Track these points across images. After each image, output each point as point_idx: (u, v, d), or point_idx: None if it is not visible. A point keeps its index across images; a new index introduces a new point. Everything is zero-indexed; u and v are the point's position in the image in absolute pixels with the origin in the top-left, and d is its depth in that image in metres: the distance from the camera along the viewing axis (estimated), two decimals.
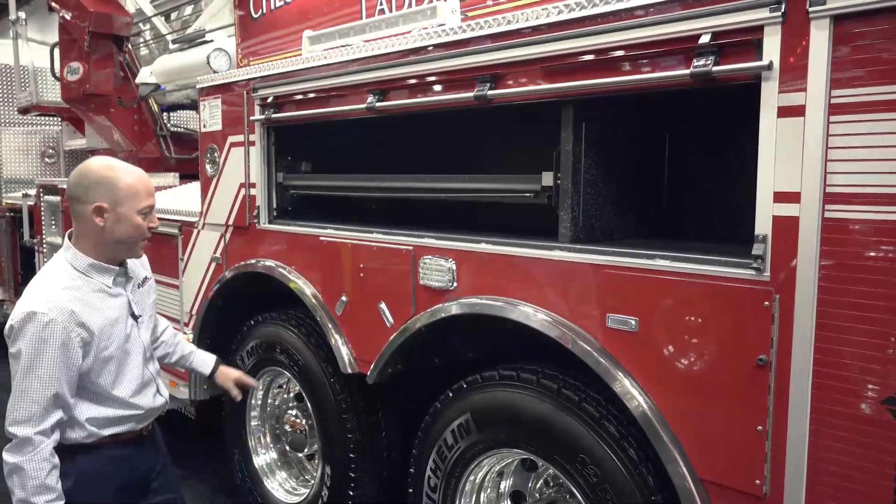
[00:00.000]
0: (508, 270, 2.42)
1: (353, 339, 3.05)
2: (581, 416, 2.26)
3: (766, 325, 1.78)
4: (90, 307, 2.20)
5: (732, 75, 1.83)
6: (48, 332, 2.09)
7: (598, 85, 2.09)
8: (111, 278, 2.29)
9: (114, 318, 2.27)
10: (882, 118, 1.60)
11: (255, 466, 3.81)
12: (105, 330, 2.23)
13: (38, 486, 2.08)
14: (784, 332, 1.76)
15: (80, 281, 2.23)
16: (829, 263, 1.68)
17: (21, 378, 2.10)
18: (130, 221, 2.22)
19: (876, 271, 1.62)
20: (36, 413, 2.09)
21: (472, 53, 2.42)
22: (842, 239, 1.67)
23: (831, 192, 1.68)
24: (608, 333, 2.13)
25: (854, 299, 1.65)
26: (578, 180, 2.32)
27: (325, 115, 3.09)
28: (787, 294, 1.75)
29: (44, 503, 2.09)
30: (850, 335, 1.66)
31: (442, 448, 2.71)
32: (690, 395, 1.95)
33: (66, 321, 2.12)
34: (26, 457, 2.08)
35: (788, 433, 1.76)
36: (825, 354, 1.70)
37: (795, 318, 1.73)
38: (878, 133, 1.61)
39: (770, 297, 1.77)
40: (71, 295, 2.17)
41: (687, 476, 1.94)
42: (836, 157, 1.67)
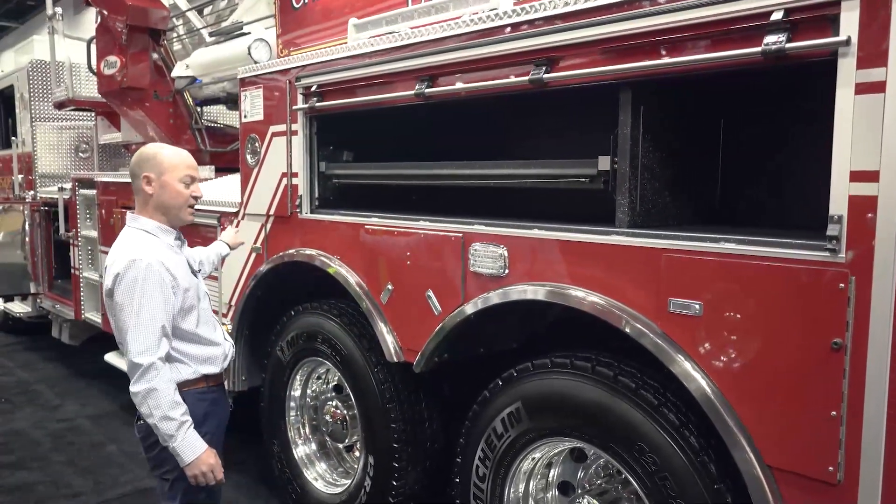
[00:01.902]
0: (562, 256, 2.39)
1: (399, 328, 3.03)
2: (639, 404, 2.22)
3: (841, 308, 1.74)
4: (169, 258, 2.52)
5: (807, 52, 1.79)
6: (149, 273, 2.40)
7: (661, 66, 2.06)
8: (172, 238, 2.63)
9: (183, 269, 2.58)
10: None
11: (294, 457, 3.81)
12: (183, 277, 2.54)
13: (171, 402, 2.37)
14: (860, 315, 1.71)
15: (154, 240, 2.55)
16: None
17: (135, 315, 2.38)
18: (173, 187, 2.56)
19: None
20: (153, 342, 2.39)
21: (527, 37, 2.39)
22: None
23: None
24: (669, 318, 2.09)
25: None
26: (636, 164, 2.29)
27: (372, 103, 3.08)
28: (863, 276, 1.70)
29: (180, 415, 2.38)
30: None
31: (491, 437, 2.68)
32: (758, 379, 1.91)
33: (159, 266, 2.44)
34: (155, 380, 2.36)
35: (864, 418, 1.72)
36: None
37: (873, 301, 1.69)
38: None
39: (846, 279, 1.73)
40: (155, 248, 2.50)
41: (754, 463, 1.90)
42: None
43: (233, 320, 4.04)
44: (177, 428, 2.36)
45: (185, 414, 2.39)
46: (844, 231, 1.73)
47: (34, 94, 7.01)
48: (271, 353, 3.88)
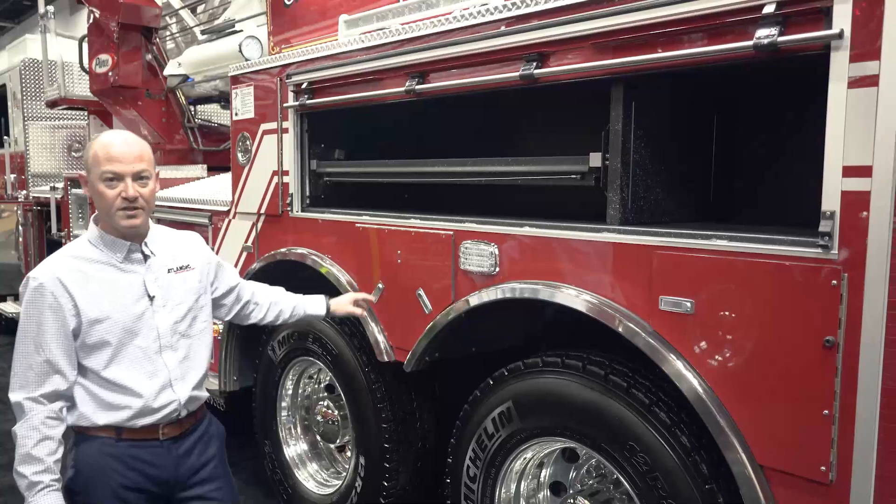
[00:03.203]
0: (553, 254, 2.36)
1: (390, 327, 3.00)
2: (630, 403, 2.19)
3: (833, 305, 1.71)
4: (86, 277, 2.09)
5: (800, 45, 1.76)
6: (37, 296, 2.05)
7: (651, 61, 2.03)
8: (122, 253, 2.16)
9: (117, 293, 2.12)
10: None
11: (285, 457, 3.78)
12: (99, 303, 2.09)
13: (23, 456, 1.99)
14: (853, 312, 1.69)
15: (90, 251, 2.15)
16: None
17: (19, 342, 2.07)
18: (95, 188, 2.09)
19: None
20: (30, 378, 2.04)
21: (517, 32, 2.37)
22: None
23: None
24: (660, 316, 2.06)
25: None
26: (627, 160, 2.26)
27: (363, 100, 3.05)
28: (856, 272, 1.68)
29: (30, 474, 1.98)
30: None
31: (482, 437, 2.65)
32: (750, 378, 1.88)
33: (53, 286, 2.04)
34: (18, 423, 2.03)
35: (857, 417, 1.70)
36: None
37: (866, 297, 1.66)
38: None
39: (838, 276, 1.70)
40: (69, 263, 2.11)
41: (746, 462, 1.88)
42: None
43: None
44: (26, 487, 1.98)
45: (40, 473, 1.98)
46: (837, 227, 1.71)
47: (26, 94, 6.98)
48: (263, 353, 3.85)
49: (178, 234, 2.45)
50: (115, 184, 2.05)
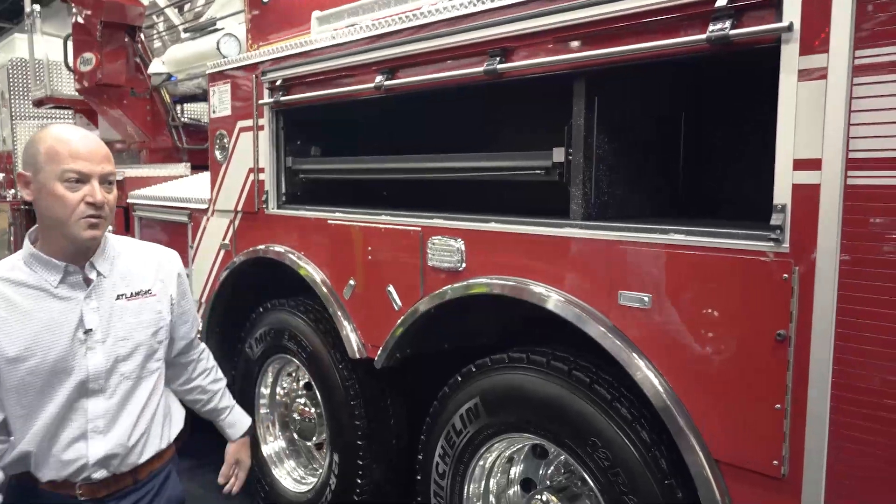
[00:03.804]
0: (519, 250, 2.36)
1: (362, 324, 3.00)
2: (592, 398, 2.19)
3: (785, 299, 1.71)
4: (10, 305, 1.78)
5: (751, 38, 1.76)
6: None
7: (610, 55, 2.03)
8: (57, 276, 1.82)
9: (42, 324, 1.79)
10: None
11: (262, 455, 3.78)
12: (20, 338, 1.77)
13: None
14: (804, 306, 1.68)
15: (20, 272, 1.82)
16: (851, 232, 1.61)
17: None
18: (46, 191, 1.74)
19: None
20: None
21: (480, 28, 2.36)
22: (866, 207, 1.59)
23: (854, 157, 1.60)
24: (620, 311, 2.06)
25: (878, 269, 1.57)
26: (590, 155, 2.25)
27: (334, 97, 3.04)
28: (807, 266, 1.67)
29: None
30: (874, 307, 1.58)
31: (450, 433, 2.65)
32: (705, 372, 1.88)
33: None
34: None
35: (808, 411, 1.69)
36: (847, 328, 1.62)
37: (816, 291, 1.66)
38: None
39: (789, 270, 1.70)
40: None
41: (702, 457, 1.87)
42: (859, 120, 1.59)
43: (203, 318, 4.00)
44: None
45: None
46: (788, 220, 1.71)
47: (14, 93, 6.98)
48: (241, 350, 3.85)
49: (144, 250, 2.07)
50: (78, 186, 1.75)
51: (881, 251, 1.57)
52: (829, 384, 1.66)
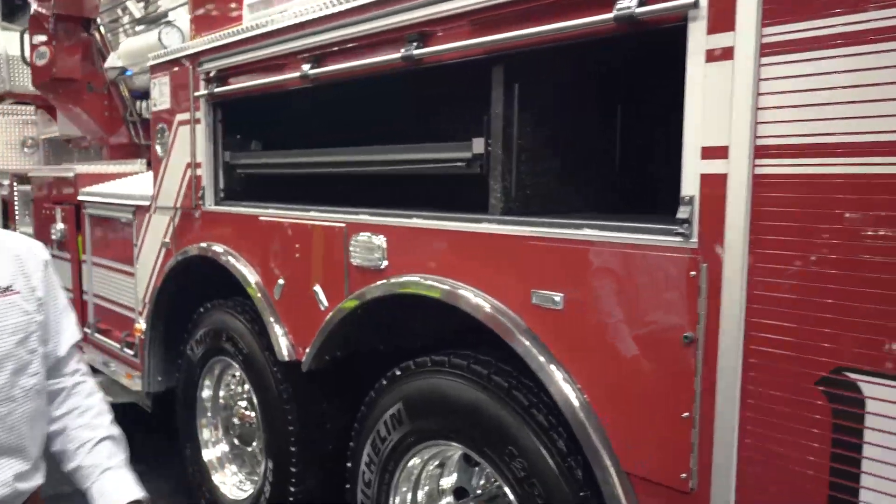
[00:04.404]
0: (440, 246, 2.23)
1: (291, 325, 2.87)
2: (510, 405, 2.06)
3: (692, 298, 1.58)
4: None
5: (658, 17, 1.63)
6: None
7: (519, 37, 1.90)
8: None
9: None
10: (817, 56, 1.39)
11: (204, 460, 3.64)
12: None
13: None
14: (713, 306, 1.55)
15: None
16: (761, 226, 1.48)
17: None
18: None
19: (811, 233, 1.41)
20: None
21: (397, 12, 2.23)
22: (775, 198, 1.46)
23: (762, 144, 1.47)
24: (533, 312, 1.93)
25: (786, 266, 1.44)
26: (510, 146, 2.12)
27: (265, 87, 2.92)
28: (715, 262, 1.54)
29: None
30: (783, 308, 1.45)
31: (376, 440, 2.52)
32: (615, 379, 1.75)
33: None
34: None
35: (716, 420, 1.56)
36: (756, 330, 1.49)
37: (724, 289, 1.53)
38: (812, 74, 1.40)
39: (696, 266, 1.57)
40: None
41: (610, 469, 1.74)
42: (767, 104, 1.46)
43: (146, 319, 3.87)
44: None
45: None
46: (696, 213, 1.58)
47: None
48: (183, 352, 3.72)
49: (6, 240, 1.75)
50: None
51: (792, 246, 1.44)
52: (738, 391, 1.53)
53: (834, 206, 1.38)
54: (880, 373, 1.33)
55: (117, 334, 4.33)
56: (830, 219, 1.39)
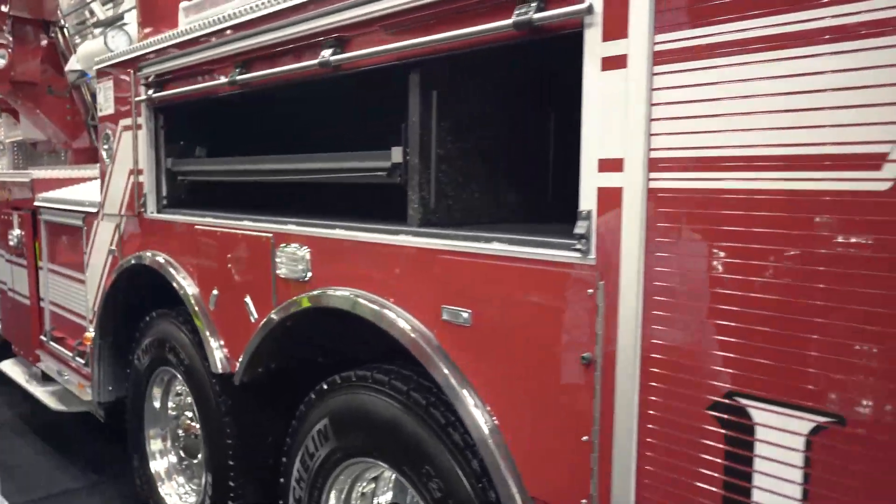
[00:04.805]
0: (360, 258, 2.16)
1: (225, 336, 2.80)
2: (428, 423, 1.99)
3: (590, 317, 1.51)
4: None
5: (555, 23, 1.56)
6: None
7: (426, 44, 1.83)
8: None
9: None
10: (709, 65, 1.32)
11: (151, 472, 3.57)
12: None
13: None
14: (610, 325, 1.48)
15: None
16: (655, 243, 1.41)
17: None
18: None
19: (704, 252, 1.34)
20: None
21: (314, 17, 2.16)
22: (669, 213, 1.39)
23: (656, 157, 1.40)
24: (444, 328, 1.86)
25: (679, 286, 1.38)
26: (429, 156, 2.05)
27: (198, 93, 2.85)
28: (613, 280, 1.48)
29: None
30: (677, 329, 1.39)
31: (305, 456, 2.45)
32: (521, 400, 1.68)
33: None
34: None
35: (614, 444, 1.49)
36: (653, 351, 1.43)
37: (620, 308, 1.46)
38: (704, 84, 1.33)
39: (594, 284, 1.50)
40: None
41: (515, 493, 1.67)
42: (660, 115, 1.39)
43: (96, 328, 3.80)
44: None
45: None
46: (594, 229, 1.51)
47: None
48: (131, 362, 3.64)
49: None
50: None
51: (686, 265, 1.37)
52: (635, 414, 1.46)
53: (726, 224, 1.32)
54: (769, 399, 1.27)
55: (70, 343, 4.26)
56: (723, 237, 1.32)
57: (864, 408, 1.16)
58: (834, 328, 1.18)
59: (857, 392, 1.16)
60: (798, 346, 1.22)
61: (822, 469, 1.21)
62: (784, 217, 1.24)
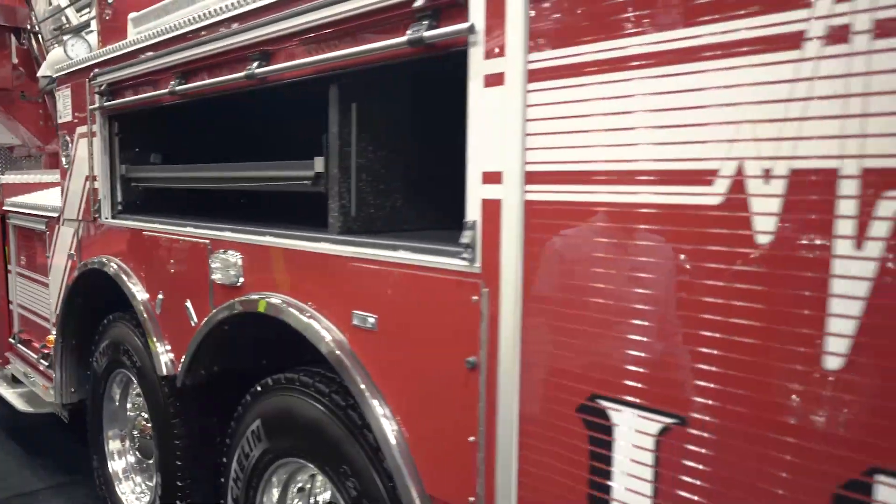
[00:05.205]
0: (286, 265, 2.23)
1: (170, 339, 2.87)
2: (346, 424, 2.06)
3: (474, 323, 1.58)
4: None
5: (444, 41, 1.63)
6: None
7: (333, 59, 1.90)
8: None
9: None
10: (577, 83, 1.39)
11: (109, 472, 3.64)
12: None
13: None
14: (493, 331, 1.55)
15: None
16: (531, 253, 1.48)
17: None
18: None
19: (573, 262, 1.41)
20: None
21: (241, 32, 2.23)
22: (544, 224, 1.46)
23: (531, 170, 1.47)
24: (354, 332, 1.93)
25: (552, 294, 1.44)
26: (348, 165, 2.12)
27: (144, 102, 2.92)
28: (496, 287, 1.54)
29: None
30: (551, 334, 1.46)
31: (241, 456, 2.52)
32: (418, 403, 1.75)
33: None
34: None
35: (497, 445, 1.56)
36: (531, 356, 1.50)
37: (501, 314, 1.53)
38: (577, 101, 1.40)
39: (478, 291, 1.57)
40: None
41: (413, 491, 1.74)
42: (534, 130, 1.46)
43: (58, 332, 3.86)
44: None
45: None
46: (479, 238, 1.58)
47: None
48: (91, 364, 3.71)
49: None
50: None
51: (557, 274, 1.44)
52: (516, 416, 1.53)
53: (592, 235, 1.38)
54: (624, 401, 1.33)
55: (36, 345, 4.32)
56: (588, 248, 1.38)
57: (702, 410, 1.23)
58: (674, 335, 1.25)
59: (696, 395, 1.23)
60: (646, 352, 1.29)
61: (669, 467, 1.28)
62: (636, 229, 1.31)
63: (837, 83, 1.04)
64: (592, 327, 1.38)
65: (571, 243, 1.42)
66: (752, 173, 1.14)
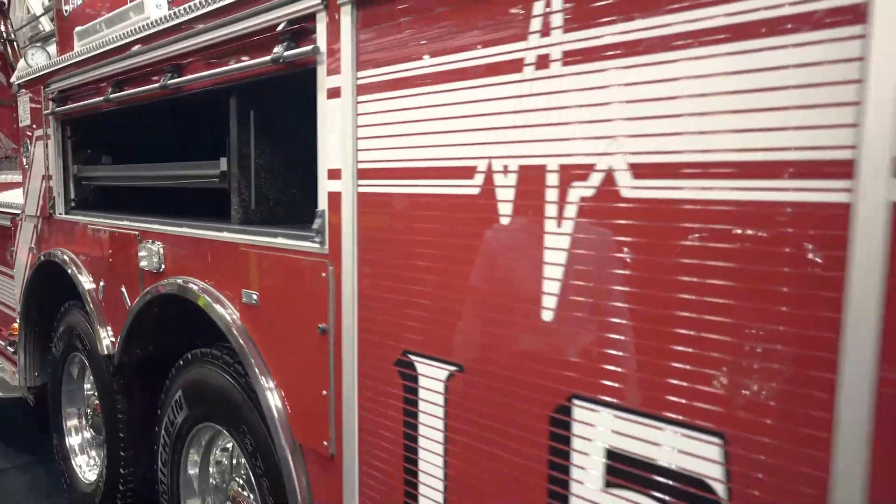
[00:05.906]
0: (198, 252, 2.54)
1: (111, 322, 3.18)
2: (245, 391, 2.37)
3: (324, 295, 1.89)
4: None
5: (300, 59, 1.94)
6: None
7: (223, 73, 2.21)
8: None
9: None
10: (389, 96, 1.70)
11: (66, 447, 3.95)
12: None
13: None
14: (337, 302, 1.87)
15: None
16: (362, 235, 1.79)
17: None
18: None
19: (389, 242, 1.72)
20: None
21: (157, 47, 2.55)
22: (372, 213, 1.77)
23: (361, 168, 1.78)
24: (244, 308, 2.24)
25: (375, 269, 1.76)
26: (247, 165, 2.43)
27: (87, 108, 3.22)
28: (339, 265, 1.86)
29: None
30: (376, 303, 1.77)
31: (167, 424, 2.83)
32: (287, 365, 2.07)
33: None
34: None
35: (343, 396, 1.87)
36: (364, 321, 1.81)
37: (343, 288, 1.84)
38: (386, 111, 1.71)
39: (326, 269, 1.88)
40: None
41: (283, 439, 2.06)
42: (362, 134, 1.77)
43: (21, 320, 4.18)
44: None
45: None
46: (326, 224, 1.89)
47: None
48: (51, 348, 4.03)
49: None
50: None
51: (379, 252, 1.75)
52: (355, 371, 1.84)
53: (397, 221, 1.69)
54: (424, 354, 1.65)
55: (4, 333, 4.63)
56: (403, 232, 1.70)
57: (475, 359, 1.54)
58: (449, 296, 1.56)
59: (473, 345, 1.54)
60: (435, 312, 1.60)
61: (455, 408, 1.59)
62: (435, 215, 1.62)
63: (544, 99, 1.35)
64: (400, 295, 1.69)
65: (385, 227, 1.73)
66: (497, 169, 1.46)
